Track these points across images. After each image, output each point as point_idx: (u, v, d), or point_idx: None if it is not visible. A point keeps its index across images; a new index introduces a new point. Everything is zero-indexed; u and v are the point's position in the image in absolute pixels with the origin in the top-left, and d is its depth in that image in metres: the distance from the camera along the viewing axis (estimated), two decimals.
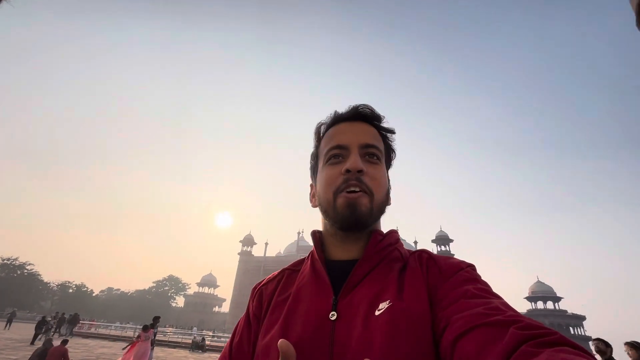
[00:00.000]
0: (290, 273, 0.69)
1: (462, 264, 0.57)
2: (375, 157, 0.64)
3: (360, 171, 0.60)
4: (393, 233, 0.66)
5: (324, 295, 0.58)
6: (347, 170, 0.60)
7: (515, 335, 0.35)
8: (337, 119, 0.70)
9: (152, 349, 9.44)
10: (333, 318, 0.54)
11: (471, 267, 0.57)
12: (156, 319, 9.99)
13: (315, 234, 0.69)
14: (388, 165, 0.71)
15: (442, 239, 57.41)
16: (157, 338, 9.56)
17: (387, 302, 0.52)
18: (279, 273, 0.71)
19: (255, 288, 0.71)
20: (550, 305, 54.09)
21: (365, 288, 0.56)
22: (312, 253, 0.67)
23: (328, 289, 0.58)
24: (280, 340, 0.38)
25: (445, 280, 0.54)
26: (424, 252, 0.63)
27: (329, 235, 0.66)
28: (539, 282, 56.27)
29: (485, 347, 0.37)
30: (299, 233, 64.63)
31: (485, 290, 0.49)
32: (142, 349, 8.56)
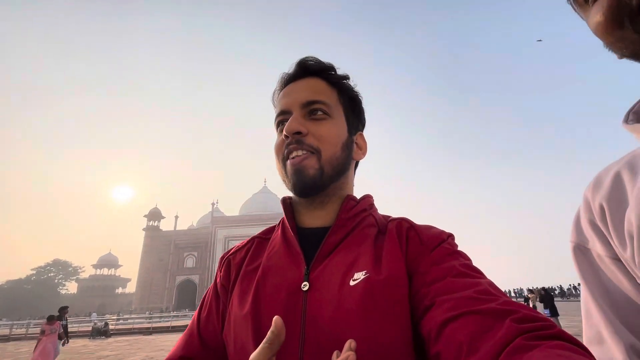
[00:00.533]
0: (260, 241, 0.67)
1: (442, 234, 0.55)
2: (320, 113, 0.61)
3: (298, 133, 0.58)
4: (367, 198, 0.65)
5: (296, 265, 0.56)
6: (285, 136, 0.59)
7: (512, 329, 0.34)
8: (284, 82, 0.67)
9: (67, 342, 8.70)
10: (305, 289, 0.52)
11: (451, 238, 0.56)
12: (63, 309, 9.03)
13: (286, 200, 0.66)
14: (353, 113, 0.67)
15: None
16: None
17: (364, 272, 0.50)
18: (248, 241, 0.68)
19: (222, 257, 0.68)
20: None
21: (338, 257, 0.54)
22: (282, 221, 0.65)
23: (299, 258, 0.56)
24: (275, 317, 0.37)
25: (427, 252, 0.52)
26: (404, 221, 0.60)
27: (297, 202, 0.65)
28: None
29: (479, 337, 0.36)
30: (213, 204, 61.91)
31: (469, 267, 0.48)
32: (50, 343, 7.71)
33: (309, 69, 0.65)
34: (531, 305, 12.76)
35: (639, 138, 0.45)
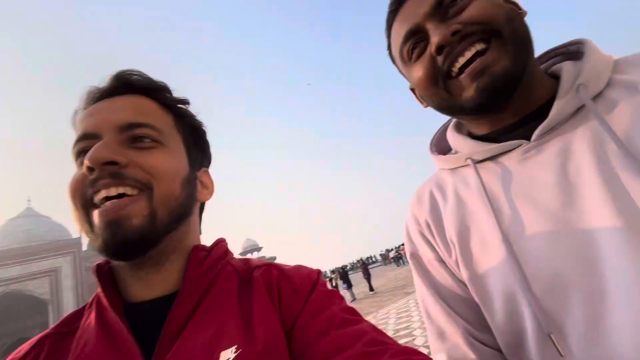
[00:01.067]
0: (55, 340, 0.42)
1: (312, 274, 0.50)
2: (147, 140, 0.44)
3: (112, 163, 0.39)
4: (221, 242, 0.52)
5: None
6: (89, 168, 0.39)
7: None
8: (93, 98, 0.47)
9: None
10: None
11: (320, 274, 0.50)
12: None
13: (102, 268, 0.45)
14: (196, 146, 0.53)
15: None
16: None
17: (234, 349, 0.38)
18: (33, 346, 0.42)
19: None
20: (256, 254, 65.33)
21: (195, 333, 0.39)
22: (96, 298, 0.44)
23: (132, 350, 0.37)
24: None
25: (303, 302, 0.45)
26: (272, 267, 0.50)
27: (119, 267, 0.44)
28: (247, 239, 67.03)
29: None
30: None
31: (347, 311, 0.44)
32: None
33: (134, 86, 0.47)
34: (334, 284, 15.73)
35: (439, 165, 0.62)
